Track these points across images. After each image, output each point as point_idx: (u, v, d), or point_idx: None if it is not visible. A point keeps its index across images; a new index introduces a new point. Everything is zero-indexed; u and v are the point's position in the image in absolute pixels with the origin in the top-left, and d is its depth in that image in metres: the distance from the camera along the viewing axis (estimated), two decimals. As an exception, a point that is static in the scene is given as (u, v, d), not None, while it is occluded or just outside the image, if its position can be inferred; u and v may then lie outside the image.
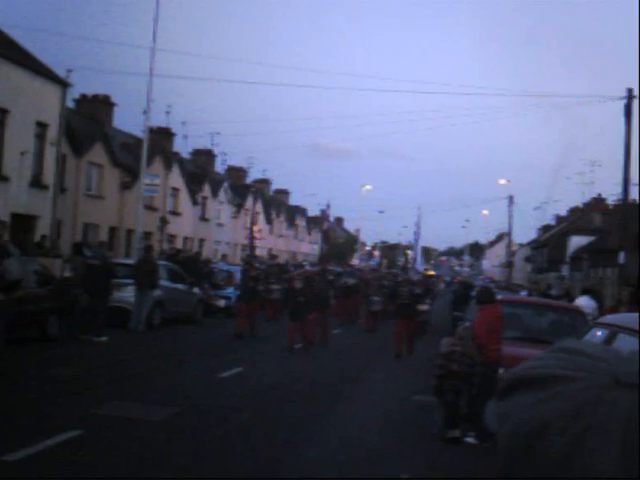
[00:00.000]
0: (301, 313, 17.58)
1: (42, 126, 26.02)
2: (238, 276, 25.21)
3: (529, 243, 78.64)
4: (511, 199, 58.45)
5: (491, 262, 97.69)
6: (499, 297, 12.39)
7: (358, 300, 26.88)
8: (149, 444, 8.27)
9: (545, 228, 73.91)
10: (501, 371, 9.58)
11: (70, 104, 31.28)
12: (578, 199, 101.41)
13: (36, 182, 25.71)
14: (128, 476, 6.95)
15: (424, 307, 21.77)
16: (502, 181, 66.79)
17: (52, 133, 26.47)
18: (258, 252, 47.27)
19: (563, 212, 72.39)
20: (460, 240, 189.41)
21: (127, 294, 19.67)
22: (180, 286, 22.53)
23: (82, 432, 8.36)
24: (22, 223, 24.54)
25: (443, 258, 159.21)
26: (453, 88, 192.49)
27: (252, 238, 23.84)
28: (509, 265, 63.32)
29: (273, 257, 33.72)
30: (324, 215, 23.45)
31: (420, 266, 40.59)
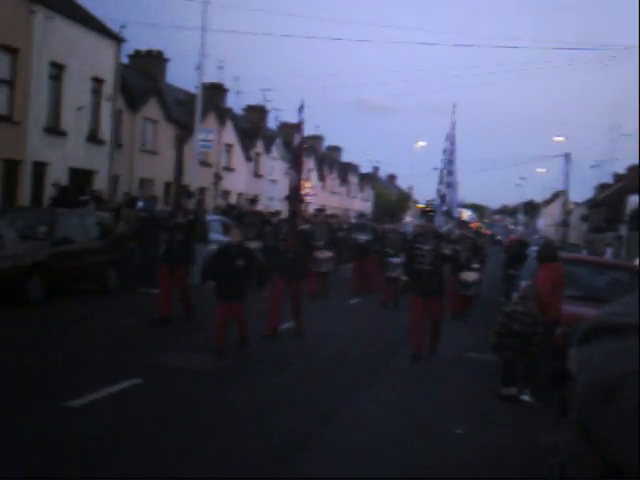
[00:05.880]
0: (235, 290, 10.93)
1: (98, 82, 26.25)
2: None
3: (586, 202, 77.08)
4: (568, 157, 57.22)
5: (546, 221, 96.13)
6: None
7: (375, 263, 19.87)
8: (201, 392, 8.44)
9: (603, 187, 72.24)
10: (558, 330, 9.46)
11: (124, 60, 31.50)
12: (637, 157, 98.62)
13: (93, 137, 26.04)
14: (182, 421, 7.09)
15: (471, 276, 16.53)
16: (558, 138, 65.27)
17: (107, 89, 26.70)
18: (311, 208, 47.16)
19: (622, 170, 70.63)
20: (514, 198, 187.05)
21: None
22: (234, 241, 22.63)
23: (142, 380, 8.55)
24: (80, 178, 24.93)
25: (498, 216, 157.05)
26: (500, 41, 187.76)
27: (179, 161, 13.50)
28: (565, 224, 62.24)
29: (253, 202, 23.88)
30: (299, 125, 14.33)
31: (456, 210, 20.03)
